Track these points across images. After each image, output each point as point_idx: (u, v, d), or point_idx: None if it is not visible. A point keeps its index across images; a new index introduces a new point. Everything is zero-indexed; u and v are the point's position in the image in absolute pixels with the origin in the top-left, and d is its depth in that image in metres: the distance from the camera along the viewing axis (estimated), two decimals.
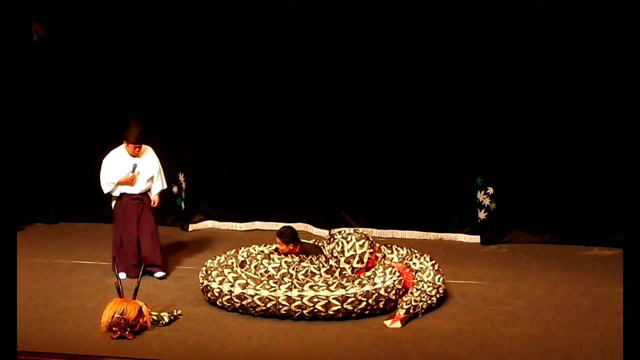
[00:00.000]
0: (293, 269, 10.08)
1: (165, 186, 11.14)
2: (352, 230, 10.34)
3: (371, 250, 10.03)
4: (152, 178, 10.91)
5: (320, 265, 10.07)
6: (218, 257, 10.38)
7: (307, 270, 10.03)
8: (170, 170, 12.77)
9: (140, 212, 10.85)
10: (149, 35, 12.51)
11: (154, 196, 10.98)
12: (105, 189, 10.83)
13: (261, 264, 10.20)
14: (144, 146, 10.88)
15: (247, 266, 10.20)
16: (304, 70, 12.30)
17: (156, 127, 12.73)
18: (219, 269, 10.01)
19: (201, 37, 12.41)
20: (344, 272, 9.93)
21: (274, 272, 10.09)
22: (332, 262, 10.03)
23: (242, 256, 10.41)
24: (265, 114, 12.55)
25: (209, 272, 10.03)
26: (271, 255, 10.30)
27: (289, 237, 10.30)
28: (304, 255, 10.26)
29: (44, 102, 12.79)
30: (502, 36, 11.71)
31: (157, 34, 12.49)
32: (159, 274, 10.89)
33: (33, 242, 12.20)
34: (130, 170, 10.75)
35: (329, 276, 9.92)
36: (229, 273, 9.88)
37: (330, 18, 12.09)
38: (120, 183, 10.77)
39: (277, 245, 10.34)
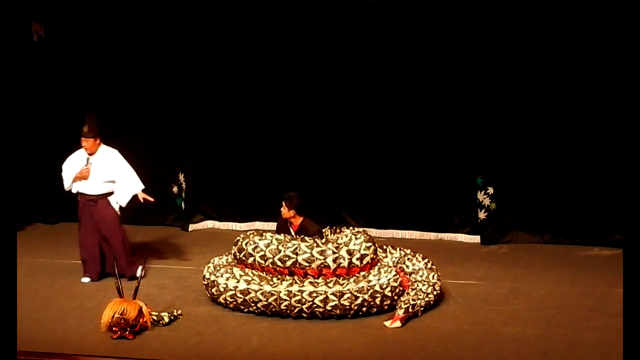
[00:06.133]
0: (282, 245, 9.91)
1: (142, 186, 10.82)
2: (362, 229, 10.34)
3: (374, 256, 10.02)
4: (112, 181, 10.71)
5: (315, 245, 9.91)
6: (225, 257, 10.39)
7: (295, 248, 9.86)
8: (171, 170, 12.81)
9: (100, 218, 10.69)
10: (149, 36, 12.52)
11: (131, 198, 10.74)
12: (65, 184, 10.79)
13: (252, 240, 10.05)
14: (105, 148, 10.75)
15: (239, 244, 10.12)
16: (304, 71, 12.31)
17: (156, 127, 12.76)
18: (228, 267, 10.05)
19: (201, 37, 12.42)
20: (339, 261, 9.88)
21: (263, 248, 9.93)
22: (330, 245, 9.95)
23: (238, 239, 10.24)
24: (265, 114, 12.56)
25: (217, 268, 10.07)
26: (264, 233, 10.20)
27: (293, 202, 10.24)
28: (297, 236, 10.15)
29: (44, 102, 12.80)
30: (502, 36, 11.71)
31: (157, 34, 12.50)
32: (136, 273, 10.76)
33: (33, 242, 12.20)
34: (84, 164, 10.66)
35: (320, 257, 9.83)
36: (236, 271, 9.94)
37: (330, 18, 12.10)
38: (75, 178, 10.69)
39: (281, 209, 10.32)
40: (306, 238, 9.99)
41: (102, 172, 10.69)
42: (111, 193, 10.77)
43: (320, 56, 12.22)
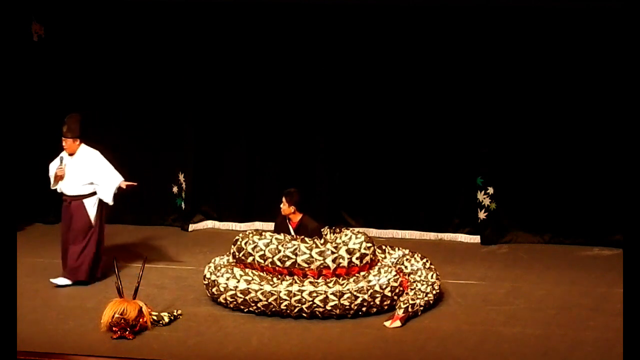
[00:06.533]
0: (282, 245, 9.90)
1: (121, 178, 10.65)
2: (363, 230, 10.33)
3: (372, 257, 10.02)
4: (91, 183, 10.60)
5: (314, 245, 9.92)
6: (226, 257, 10.38)
7: (295, 249, 9.86)
8: (171, 170, 12.81)
9: (70, 218, 10.62)
10: (149, 35, 12.53)
11: (117, 188, 10.58)
12: (51, 183, 10.79)
13: (252, 240, 10.03)
14: (85, 149, 10.66)
15: (238, 243, 10.12)
16: (304, 71, 12.31)
17: (156, 127, 12.77)
18: (229, 267, 10.05)
19: (201, 37, 12.43)
20: (339, 261, 9.87)
21: (263, 248, 9.92)
22: (329, 245, 9.96)
23: (237, 238, 10.26)
24: (265, 114, 12.56)
25: (218, 268, 10.07)
26: (263, 233, 10.19)
27: (294, 198, 10.20)
28: (297, 236, 10.14)
29: (44, 102, 12.80)
30: (502, 36, 11.72)
31: (157, 34, 12.51)
32: (59, 280, 10.66)
33: (33, 242, 12.19)
34: (59, 164, 10.63)
35: (320, 258, 9.84)
36: (237, 271, 9.94)
37: (330, 18, 12.10)
38: (55, 178, 10.66)
39: (281, 205, 10.28)
40: (306, 239, 9.98)
41: (80, 173, 10.61)
42: (88, 195, 10.63)
43: (321, 56, 12.22)
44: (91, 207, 10.66)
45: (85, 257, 10.65)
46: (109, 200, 10.66)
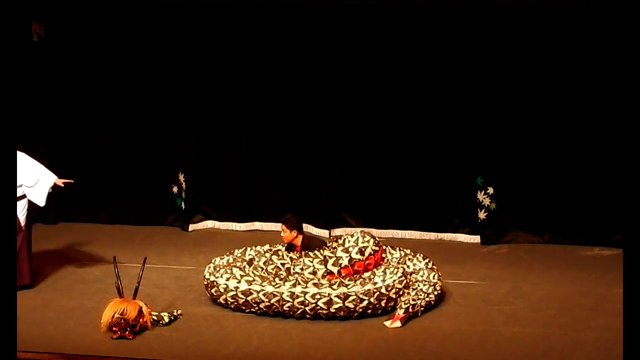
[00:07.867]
0: (294, 263, 9.99)
1: (54, 177, 10.34)
2: (359, 230, 10.37)
3: (376, 248, 10.01)
4: (19, 186, 10.22)
5: (314, 256, 9.98)
6: (227, 257, 10.38)
7: (302, 265, 9.94)
8: (171, 170, 12.81)
9: None
10: (149, 35, 12.52)
11: (51, 187, 10.29)
12: None
13: (270, 260, 10.11)
14: None
15: (255, 263, 10.16)
16: (304, 71, 12.31)
17: (156, 127, 12.76)
18: (228, 267, 10.03)
19: (201, 37, 12.43)
20: (340, 262, 9.88)
21: (281, 267, 10.01)
22: (326, 252, 9.98)
23: (250, 254, 10.35)
24: (265, 114, 12.56)
25: (217, 269, 10.06)
26: (279, 252, 10.23)
27: (293, 222, 10.23)
28: (304, 252, 10.22)
29: (43, 102, 12.80)
30: (502, 36, 11.72)
31: (157, 34, 12.51)
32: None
33: (33, 242, 12.16)
34: None
35: (322, 266, 9.86)
36: (237, 271, 9.91)
37: (330, 18, 12.10)
38: None
39: (281, 232, 10.31)
40: (310, 253, 10.02)
41: None
42: (17, 199, 10.28)
43: (320, 56, 12.22)
44: (20, 211, 10.34)
45: (22, 261, 10.35)
46: (42, 202, 10.35)
